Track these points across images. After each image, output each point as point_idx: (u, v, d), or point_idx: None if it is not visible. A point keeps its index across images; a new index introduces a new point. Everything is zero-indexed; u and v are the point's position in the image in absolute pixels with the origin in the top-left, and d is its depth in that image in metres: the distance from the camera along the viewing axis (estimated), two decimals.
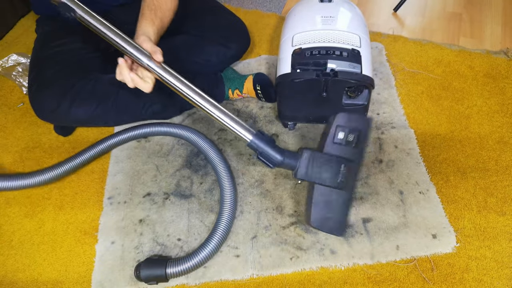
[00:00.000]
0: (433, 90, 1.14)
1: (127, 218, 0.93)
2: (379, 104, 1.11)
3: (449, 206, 0.91)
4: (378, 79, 1.17)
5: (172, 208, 0.94)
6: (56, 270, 0.87)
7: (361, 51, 0.91)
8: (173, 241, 0.88)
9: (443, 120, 1.07)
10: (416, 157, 0.99)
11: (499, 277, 0.80)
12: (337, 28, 0.96)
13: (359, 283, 0.81)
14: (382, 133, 1.05)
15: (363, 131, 0.84)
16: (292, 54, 0.93)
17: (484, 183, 0.94)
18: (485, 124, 1.05)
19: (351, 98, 0.94)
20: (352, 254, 0.84)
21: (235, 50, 1.12)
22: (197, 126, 1.10)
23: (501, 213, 0.89)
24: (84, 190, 0.99)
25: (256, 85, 1.08)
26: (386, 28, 1.36)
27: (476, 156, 0.99)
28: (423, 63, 1.22)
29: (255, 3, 1.51)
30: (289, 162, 0.84)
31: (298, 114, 1.01)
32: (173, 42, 1.10)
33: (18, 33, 1.45)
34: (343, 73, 0.87)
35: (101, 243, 0.90)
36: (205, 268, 0.84)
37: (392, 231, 0.87)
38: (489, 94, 1.12)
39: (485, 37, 1.31)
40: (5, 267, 0.88)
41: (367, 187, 0.94)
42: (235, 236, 0.88)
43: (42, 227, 0.93)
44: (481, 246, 0.84)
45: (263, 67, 1.24)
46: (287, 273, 0.83)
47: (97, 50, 1.06)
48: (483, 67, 1.19)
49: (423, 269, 0.82)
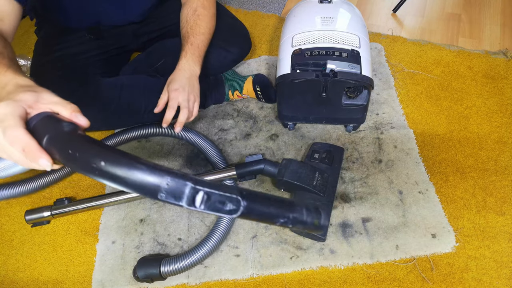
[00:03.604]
0: (432, 90, 1.15)
1: (128, 218, 0.93)
2: (379, 104, 1.12)
3: (449, 205, 0.91)
4: (377, 79, 1.18)
5: (172, 207, 0.94)
6: (56, 269, 0.87)
7: (361, 51, 0.92)
8: (174, 241, 0.89)
9: (442, 120, 1.07)
10: (415, 157, 0.99)
11: (498, 277, 0.80)
12: (337, 28, 0.96)
13: (358, 283, 0.81)
14: (382, 133, 1.05)
15: (337, 156, 0.95)
16: (291, 54, 0.93)
17: (483, 183, 0.94)
18: (484, 124, 1.06)
19: (351, 99, 0.95)
20: (351, 254, 0.84)
21: (235, 54, 1.12)
22: (198, 126, 1.10)
23: (500, 213, 0.89)
24: (84, 190, 1.00)
25: (255, 86, 1.08)
26: (385, 29, 1.37)
27: (475, 156, 0.99)
28: (422, 63, 1.22)
29: (255, 4, 1.52)
30: (269, 169, 0.90)
31: (298, 114, 1.01)
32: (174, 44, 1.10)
33: (18, 35, 1.45)
34: (342, 73, 0.87)
35: (101, 242, 0.90)
36: (205, 268, 0.84)
37: (391, 230, 0.87)
38: (488, 94, 1.13)
39: (484, 38, 1.31)
40: (6, 266, 0.89)
41: (367, 187, 0.95)
42: (235, 235, 0.88)
43: (42, 227, 0.94)
44: (480, 246, 0.84)
45: (263, 67, 1.24)
46: (287, 272, 0.83)
47: (97, 53, 1.06)
48: (482, 67, 1.19)
49: (422, 269, 0.82)
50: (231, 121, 1.11)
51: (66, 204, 0.92)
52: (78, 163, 0.36)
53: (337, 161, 0.95)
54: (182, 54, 0.94)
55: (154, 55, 1.12)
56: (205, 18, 0.98)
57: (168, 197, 0.34)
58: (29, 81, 0.50)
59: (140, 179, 0.34)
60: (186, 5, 1.00)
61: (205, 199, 0.35)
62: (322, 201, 0.86)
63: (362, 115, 0.98)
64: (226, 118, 1.12)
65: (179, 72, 0.92)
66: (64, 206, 0.91)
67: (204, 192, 0.35)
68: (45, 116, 0.42)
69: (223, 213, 0.36)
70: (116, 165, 0.34)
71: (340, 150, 0.98)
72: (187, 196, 0.35)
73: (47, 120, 0.41)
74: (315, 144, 1.00)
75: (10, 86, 0.48)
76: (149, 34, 1.13)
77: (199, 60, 0.95)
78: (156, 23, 1.12)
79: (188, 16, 0.98)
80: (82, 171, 0.36)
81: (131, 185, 0.35)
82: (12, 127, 0.40)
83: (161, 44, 1.12)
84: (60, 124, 0.40)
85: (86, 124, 0.44)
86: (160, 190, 0.34)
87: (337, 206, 0.91)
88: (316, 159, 0.94)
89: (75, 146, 0.37)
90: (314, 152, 0.96)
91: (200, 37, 0.96)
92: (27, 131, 0.40)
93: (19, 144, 0.40)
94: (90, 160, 0.35)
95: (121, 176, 0.34)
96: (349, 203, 0.92)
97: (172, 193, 0.34)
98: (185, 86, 0.90)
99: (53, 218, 0.93)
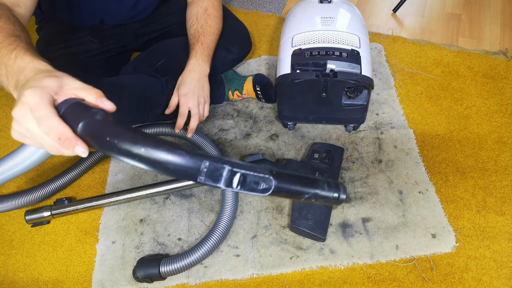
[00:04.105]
0: (432, 90, 1.15)
1: (128, 218, 0.93)
2: (379, 104, 1.12)
3: (449, 205, 0.91)
4: (377, 79, 1.18)
5: (172, 207, 0.94)
6: (56, 269, 0.87)
7: (361, 51, 0.92)
8: (174, 241, 0.89)
9: (442, 120, 1.07)
10: (415, 157, 0.99)
11: (498, 277, 0.80)
12: (337, 28, 0.96)
13: (358, 283, 0.81)
14: (382, 133, 1.05)
15: (336, 156, 0.95)
16: (291, 54, 0.93)
17: (483, 183, 0.94)
18: (484, 124, 1.06)
19: (351, 99, 0.95)
20: (351, 254, 0.84)
21: (236, 54, 1.12)
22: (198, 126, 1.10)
23: (500, 213, 0.89)
24: (85, 190, 1.00)
25: (255, 86, 1.08)
26: (385, 29, 1.37)
27: (475, 156, 0.99)
28: (422, 63, 1.22)
29: (255, 4, 1.52)
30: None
31: (298, 114, 1.01)
32: (174, 44, 1.10)
33: None
34: (342, 73, 0.87)
35: (101, 242, 0.90)
36: (205, 268, 0.84)
37: (391, 230, 0.87)
38: (488, 94, 1.13)
39: (484, 38, 1.31)
40: (6, 266, 0.89)
41: (367, 187, 0.95)
42: (235, 235, 0.88)
43: (42, 227, 0.94)
44: (480, 246, 0.84)
45: (263, 67, 1.24)
46: (287, 272, 0.83)
47: (98, 53, 1.06)
48: (482, 67, 1.19)
49: (422, 269, 0.82)
50: (231, 121, 1.11)
51: (66, 204, 0.92)
52: (117, 150, 0.37)
53: (337, 161, 0.95)
54: (192, 54, 0.94)
55: (155, 55, 1.12)
56: (216, 19, 0.99)
57: (207, 179, 0.37)
58: (48, 65, 0.49)
59: (180, 164, 0.36)
60: (194, 4, 1.00)
61: (241, 180, 0.38)
62: None
63: (362, 115, 0.98)
64: (226, 118, 1.12)
65: (189, 73, 0.92)
66: (64, 206, 0.91)
67: (240, 174, 0.37)
68: (74, 103, 0.42)
69: (257, 192, 0.39)
70: (157, 151, 0.36)
71: (340, 150, 0.98)
72: (224, 178, 0.37)
73: (76, 107, 0.42)
74: (315, 144, 1.00)
75: (28, 70, 0.47)
76: (149, 34, 1.14)
77: (208, 60, 0.95)
78: (157, 23, 1.12)
79: (199, 14, 0.98)
80: (121, 157, 0.38)
81: (172, 170, 0.37)
82: (47, 117, 0.40)
83: (161, 44, 1.12)
84: (90, 110, 0.41)
85: (113, 109, 0.44)
86: (200, 173, 0.36)
87: (337, 206, 0.91)
88: (316, 159, 0.94)
89: (113, 133, 0.38)
90: (314, 152, 0.96)
91: (210, 37, 0.96)
92: (61, 120, 0.40)
93: (55, 133, 0.40)
94: (129, 147, 0.37)
95: (162, 161, 0.36)
96: (349, 203, 0.92)
97: (211, 176, 0.37)
98: (195, 90, 0.90)
99: (53, 218, 0.93)
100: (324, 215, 0.85)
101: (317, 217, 0.84)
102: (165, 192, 0.93)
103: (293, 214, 0.86)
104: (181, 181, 0.90)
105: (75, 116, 0.41)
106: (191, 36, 0.98)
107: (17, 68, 0.49)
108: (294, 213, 0.85)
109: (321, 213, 0.85)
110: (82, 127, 0.40)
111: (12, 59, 0.50)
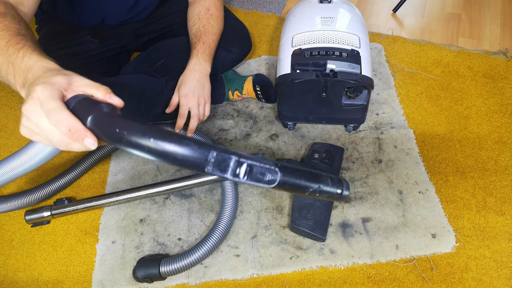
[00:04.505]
0: (432, 90, 1.15)
1: (128, 218, 0.93)
2: (379, 104, 1.12)
3: (449, 205, 0.91)
4: (377, 79, 1.18)
5: (172, 207, 0.94)
6: (56, 269, 0.87)
7: (361, 51, 0.92)
8: (174, 241, 0.89)
9: (442, 120, 1.07)
10: (415, 157, 0.99)
11: (498, 277, 0.80)
12: (337, 28, 0.96)
13: (358, 283, 0.81)
14: (382, 133, 1.05)
15: (336, 156, 0.96)
16: (291, 54, 0.93)
17: (483, 183, 0.94)
18: (484, 124, 1.06)
19: (351, 99, 0.95)
20: (351, 254, 0.84)
21: (236, 54, 1.12)
22: (198, 126, 1.10)
23: (500, 213, 0.89)
24: (84, 190, 1.00)
25: (255, 86, 1.08)
26: (385, 29, 1.37)
27: (475, 156, 0.99)
28: (422, 63, 1.22)
29: (255, 4, 1.52)
30: None
31: (298, 114, 1.01)
32: (174, 44, 1.10)
33: None
34: (342, 73, 0.87)
35: (101, 242, 0.90)
36: (205, 268, 0.84)
37: (391, 230, 0.87)
38: (488, 94, 1.13)
39: (484, 38, 1.31)
40: (6, 266, 0.89)
41: (367, 187, 0.95)
42: (235, 235, 0.88)
43: (42, 227, 0.94)
44: (480, 246, 0.84)
45: (263, 67, 1.24)
46: (287, 272, 0.83)
47: (98, 53, 1.06)
48: (482, 67, 1.19)
49: (422, 269, 0.82)
50: (231, 121, 1.11)
51: (66, 204, 0.92)
52: (126, 141, 0.38)
53: (337, 161, 0.95)
54: (193, 53, 0.94)
55: (155, 55, 1.12)
56: (217, 19, 0.99)
57: (214, 169, 0.37)
58: (55, 64, 0.50)
59: (188, 154, 0.37)
60: (196, 3, 1.00)
61: (248, 171, 0.38)
62: (322, 201, 0.86)
63: (362, 115, 0.98)
64: (226, 118, 1.12)
65: (190, 72, 0.92)
66: (64, 206, 0.91)
67: (247, 165, 0.38)
68: (83, 99, 0.43)
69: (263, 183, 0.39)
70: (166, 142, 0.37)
71: (340, 150, 0.98)
72: (231, 168, 0.37)
73: (85, 102, 0.43)
74: (315, 144, 1.00)
75: (36, 69, 0.48)
76: (149, 34, 1.14)
77: (209, 59, 0.95)
78: (157, 23, 1.12)
79: (201, 14, 0.98)
80: (130, 149, 0.38)
81: (180, 160, 0.37)
82: (57, 110, 0.40)
83: (161, 44, 1.12)
84: (99, 105, 0.42)
85: (121, 104, 0.46)
86: (207, 164, 0.37)
87: (337, 206, 0.91)
88: (316, 159, 0.94)
89: (122, 125, 0.38)
90: (314, 152, 0.96)
91: (212, 37, 0.96)
92: (71, 113, 0.41)
93: (65, 125, 0.40)
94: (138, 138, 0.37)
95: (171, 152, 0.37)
96: (349, 203, 0.92)
97: (218, 166, 0.37)
98: (195, 90, 0.90)
99: (53, 218, 0.93)
100: (324, 215, 0.85)
101: (317, 217, 0.84)
102: (165, 192, 0.93)
103: (293, 214, 0.86)
104: (181, 181, 0.90)
105: (84, 110, 0.42)
106: (192, 35, 0.98)
107: (24, 66, 0.49)
108: (294, 213, 0.85)
109: (321, 213, 0.85)
110: (92, 120, 0.40)
111: (20, 58, 0.50)
